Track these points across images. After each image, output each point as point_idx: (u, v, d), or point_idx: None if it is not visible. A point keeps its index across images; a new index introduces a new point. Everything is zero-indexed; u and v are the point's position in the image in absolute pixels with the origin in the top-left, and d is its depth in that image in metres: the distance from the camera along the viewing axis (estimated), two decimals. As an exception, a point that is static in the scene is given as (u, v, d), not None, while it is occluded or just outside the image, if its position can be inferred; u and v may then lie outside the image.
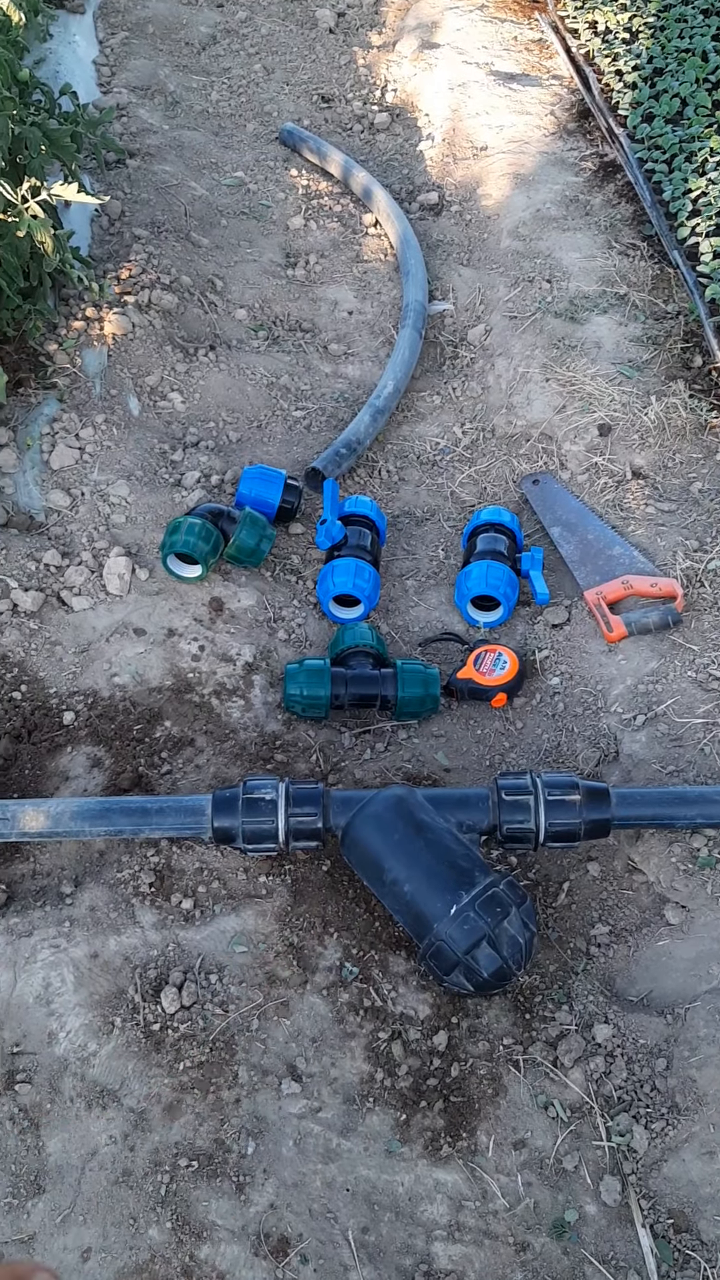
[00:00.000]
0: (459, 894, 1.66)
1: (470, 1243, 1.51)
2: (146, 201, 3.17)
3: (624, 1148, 1.59)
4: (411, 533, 2.54)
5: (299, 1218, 1.51)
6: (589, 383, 2.62)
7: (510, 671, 2.13)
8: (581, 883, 1.89)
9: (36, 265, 2.48)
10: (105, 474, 2.42)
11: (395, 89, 3.85)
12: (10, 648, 2.11)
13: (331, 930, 1.80)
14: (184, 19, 4.08)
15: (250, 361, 2.81)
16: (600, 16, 3.62)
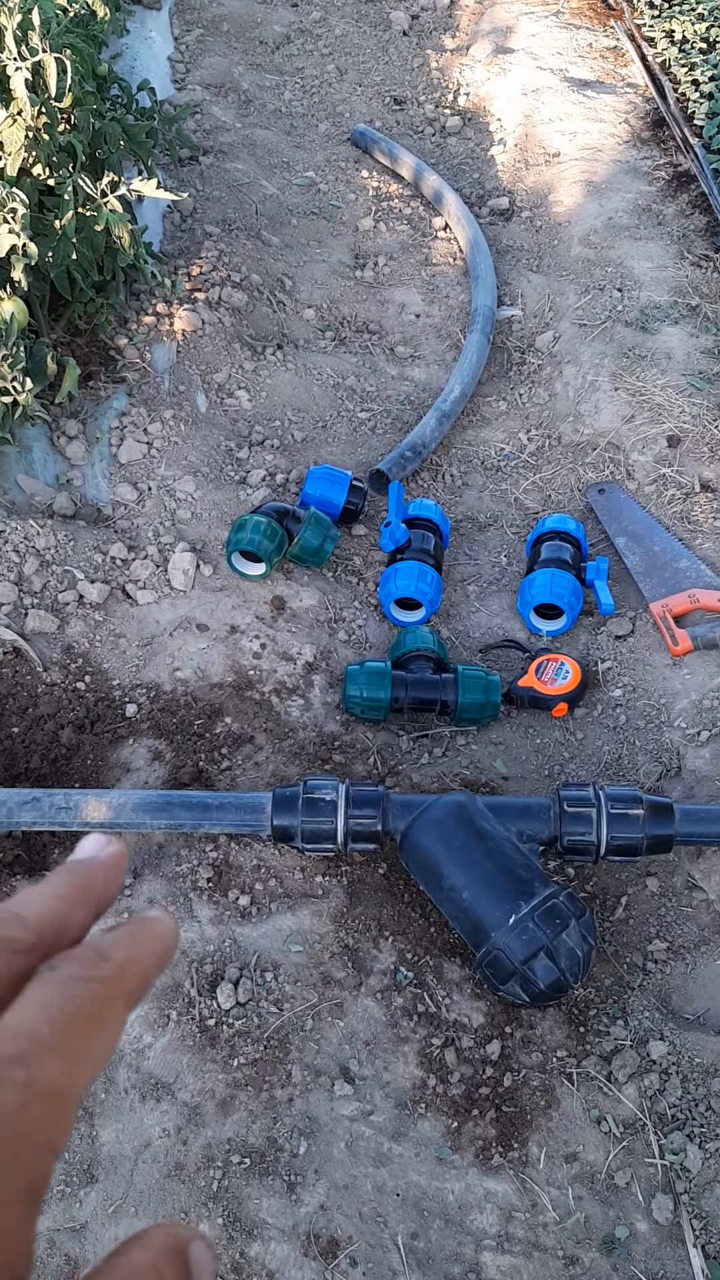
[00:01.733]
0: (518, 904, 1.66)
1: (519, 1254, 1.50)
2: (218, 199, 3.18)
3: (677, 1166, 1.58)
4: (474, 538, 2.53)
5: (349, 1220, 1.51)
6: (659, 393, 2.61)
7: (572, 681, 2.11)
8: (640, 898, 1.87)
9: (110, 260, 2.50)
10: (172, 469, 2.43)
11: (468, 93, 3.85)
12: (76, 638, 2.13)
13: (387, 934, 1.79)
14: (258, 17, 4.10)
15: (317, 362, 2.82)
16: (677, 25, 3.60)
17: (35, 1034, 0.31)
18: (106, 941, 0.36)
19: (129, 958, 0.36)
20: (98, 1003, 0.33)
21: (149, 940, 0.37)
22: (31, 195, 2.28)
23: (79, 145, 2.38)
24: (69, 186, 2.31)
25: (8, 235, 2.16)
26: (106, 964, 0.35)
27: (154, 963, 0.37)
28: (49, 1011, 0.32)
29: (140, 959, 0.36)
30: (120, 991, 0.35)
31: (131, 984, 0.35)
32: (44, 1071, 0.30)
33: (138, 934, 0.37)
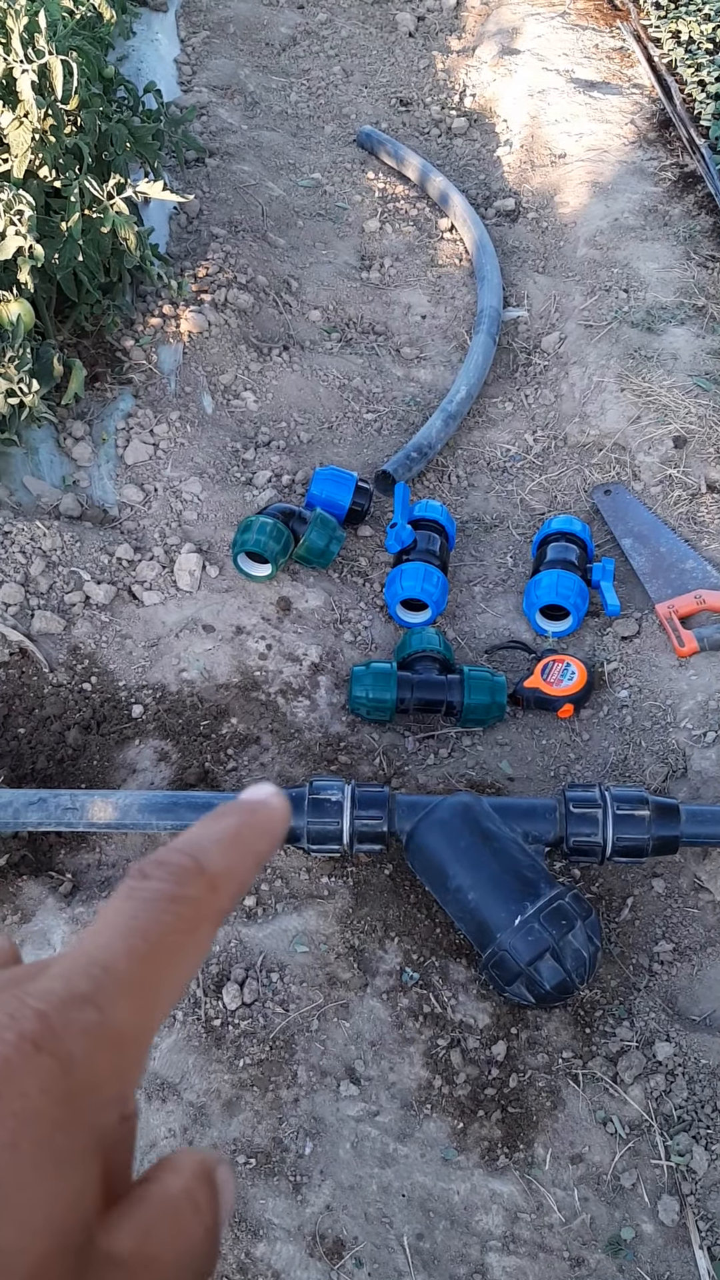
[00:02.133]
0: (524, 905, 1.66)
1: (525, 1255, 1.50)
2: (224, 200, 3.19)
3: (683, 1168, 1.57)
4: (480, 539, 2.53)
5: (355, 1221, 1.51)
6: (665, 394, 2.60)
7: (579, 682, 2.11)
8: (645, 899, 1.87)
9: (117, 261, 2.50)
10: (178, 471, 2.43)
11: (474, 94, 3.85)
12: (82, 639, 2.13)
13: (392, 934, 1.80)
14: (265, 19, 4.10)
15: (323, 363, 2.82)
16: (684, 26, 3.60)
17: (112, 966, 0.28)
18: (207, 843, 0.32)
19: (228, 868, 0.31)
20: (185, 928, 0.30)
21: (254, 839, 0.33)
22: (38, 197, 2.29)
23: (85, 147, 2.39)
24: (75, 188, 2.31)
25: (14, 237, 2.16)
26: (202, 877, 0.31)
27: (254, 867, 0.33)
28: (131, 939, 0.29)
29: (240, 869, 0.32)
30: (212, 911, 0.31)
31: (225, 900, 0.31)
32: (117, 1013, 0.28)
33: (243, 834, 0.33)
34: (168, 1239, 0.28)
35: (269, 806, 0.34)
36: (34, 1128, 0.25)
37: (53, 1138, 0.25)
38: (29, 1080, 0.26)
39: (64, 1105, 0.26)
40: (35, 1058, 0.26)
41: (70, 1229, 0.25)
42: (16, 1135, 0.25)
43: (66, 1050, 0.26)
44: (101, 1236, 0.27)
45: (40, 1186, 0.25)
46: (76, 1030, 0.27)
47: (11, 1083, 0.25)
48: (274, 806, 0.34)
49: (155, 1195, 0.29)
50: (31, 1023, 0.26)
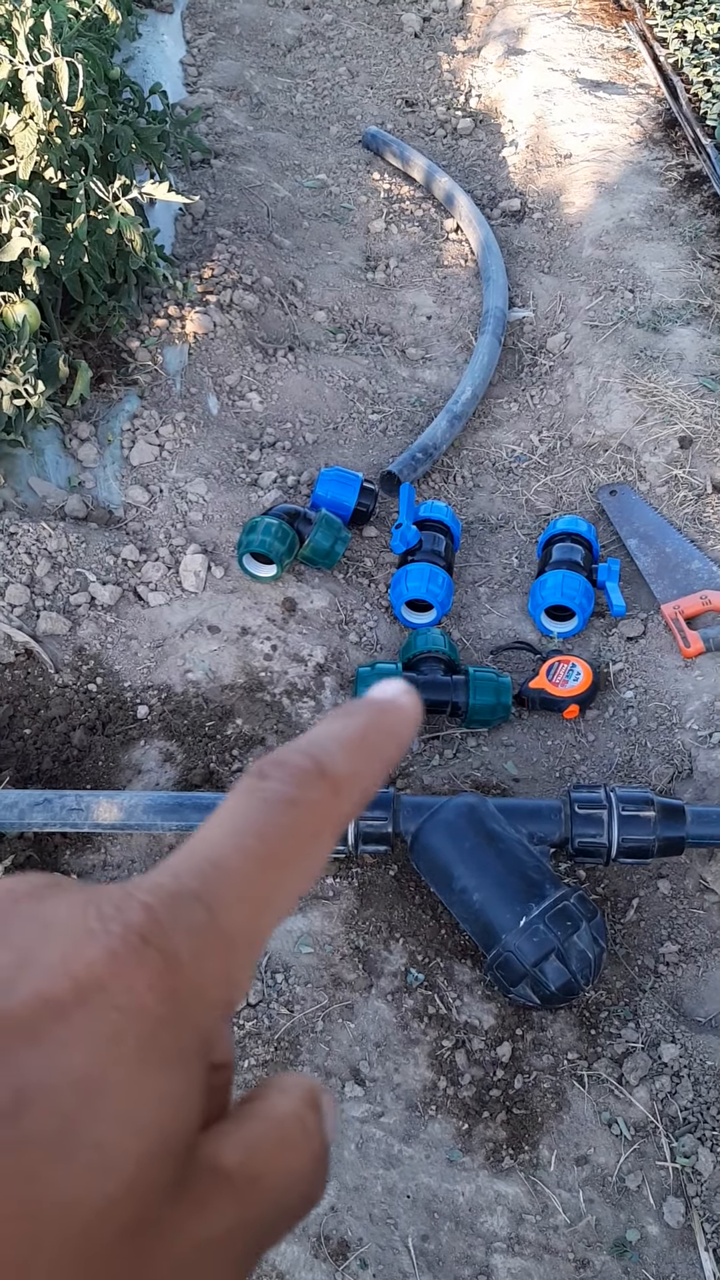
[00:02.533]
0: (529, 906, 1.65)
1: (530, 1257, 1.50)
2: (230, 201, 3.19)
3: (688, 1170, 1.57)
4: (485, 539, 2.53)
5: (359, 1222, 1.51)
6: (670, 394, 2.60)
7: (584, 683, 2.11)
8: (651, 900, 1.87)
9: (122, 263, 2.50)
10: (184, 472, 2.44)
11: (479, 95, 3.85)
12: (88, 640, 2.13)
13: (397, 935, 1.79)
14: (270, 20, 4.10)
15: (328, 364, 2.82)
16: (690, 26, 3.59)
17: (222, 864, 0.27)
18: (331, 744, 0.29)
19: (353, 772, 0.29)
20: (303, 833, 0.28)
21: (382, 742, 0.30)
22: (44, 199, 2.29)
23: (91, 149, 2.39)
24: (81, 190, 2.31)
25: (20, 239, 2.16)
26: (324, 780, 0.28)
27: (381, 773, 0.30)
28: (244, 839, 0.27)
29: (365, 774, 0.29)
30: (333, 818, 0.29)
31: (348, 807, 0.29)
32: (228, 915, 0.26)
33: (370, 736, 0.30)
34: (275, 1159, 0.26)
35: (399, 706, 0.31)
36: (139, 1024, 0.24)
37: (158, 1035, 0.24)
38: (135, 974, 0.24)
39: (170, 1003, 0.25)
40: (142, 951, 0.25)
41: (174, 1131, 0.24)
42: (121, 1030, 0.24)
43: (173, 947, 0.25)
44: (205, 1147, 0.25)
45: (145, 1084, 0.24)
46: (184, 928, 0.25)
47: (118, 976, 0.24)
48: (405, 706, 0.31)
49: (262, 1113, 0.27)
50: (138, 915, 0.25)
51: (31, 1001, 0.23)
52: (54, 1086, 0.23)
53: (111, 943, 0.25)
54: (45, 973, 0.24)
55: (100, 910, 0.25)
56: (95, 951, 0.24)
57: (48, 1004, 0.23)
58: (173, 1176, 0.24)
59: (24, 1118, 0.22)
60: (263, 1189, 0.26)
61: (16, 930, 0.25)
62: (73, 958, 0.24)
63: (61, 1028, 0.23)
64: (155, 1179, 0.23)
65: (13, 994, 0.24)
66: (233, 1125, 0.26)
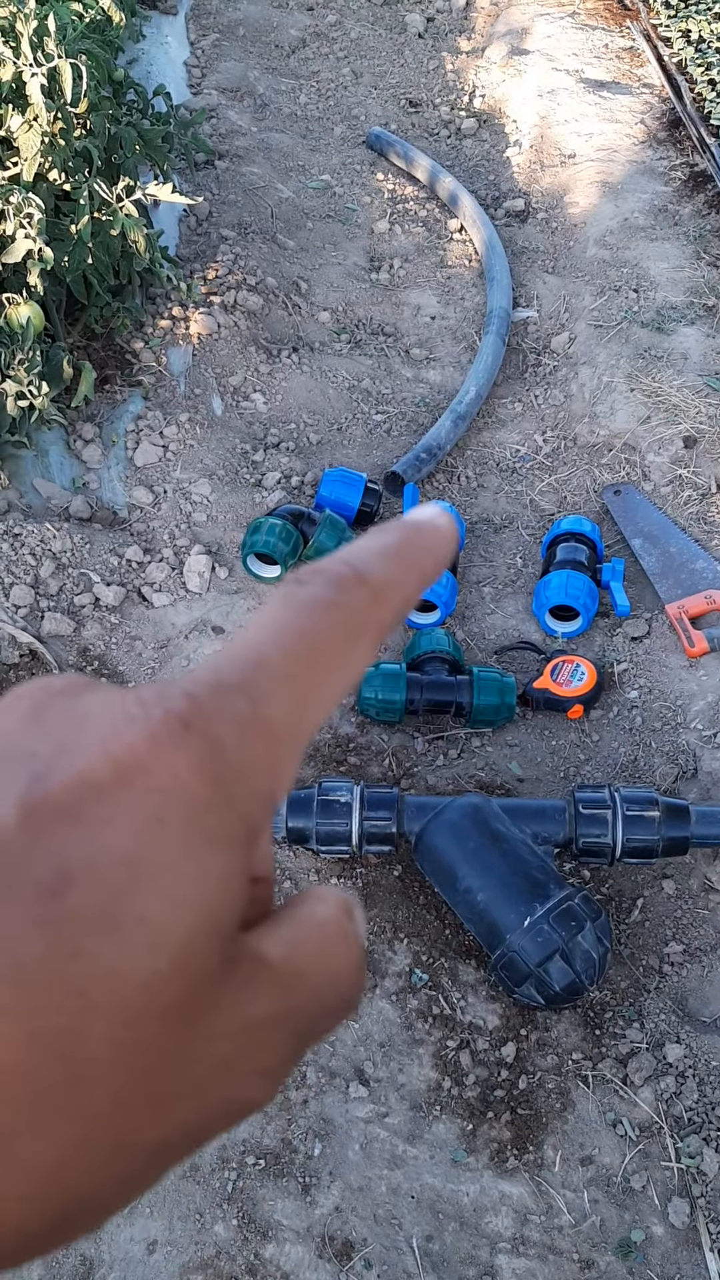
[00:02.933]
0: (533, 906, 1.65)
1: (535, 1257, 1.50)
2: (234, 202, 3.19)
3: (693, 1170, 1.57)
4: (490, 540, 2.53)
5: (364, 1222, 1.51)
6: (675, 394, 2.60)
7: (588, 683, 2.11)
8: (656, 900, 1.87)
9: (127, 264, 2.51)
10: (188, 472, 2.44)
11: (483, 95, 3.85)
12: (92, 641, 2.14)
13: (402, 936, 1.79)
14: (274, 22, 4.11)
15: (332, 364, 2.82)
16: (694, 25, 3.59)
17: (264, 660, 0.26)
18: (368, 554, 0.29)
19: (391, 580, 0.29)
20: (343, 634, 0.28)
21: (419, 556, 0.30)
22: (48, 200, 2.29)
23: (95, 150, 2.39)
24: (85, 191, 2.32)
25: (24, 240, 2.17)
26: (363, 587, 0.28)
27: (419, 585, 0.30)
28: (284, 638, 0.27)
29: (403, 583, 0.29)
30: (373, 622, 0.28)
31: (388, 614, 0.29)
32: (270, 706, 0.26)
33: (407, 548, 0.30)
34: (317, 957, 0.26)
35: (436, 525, 0.31)
36: (183, 804, 0.24)
37: (203, 816, 0.24)
38: (178, 756, 0.24)
39: (214, 786, 0.24)
40: (184, 735, 0.24)
41: (221, 911, 0.24)
42: (164, 810, 0.23)
43: (217, 733, 0.25)
44: (250, 940, 0.25)
45: (189, 862, 0.23)
46: (228, 716, 0.25)
47: (160, 758, 0.24)
48: (441, 525, 0.31)
49: (304, 916, 0.27)
50: (180, 701, 0.25)
51: (72, 783, 0.23)
52: (98, 863, 0.22)
53: (153, 726, 0.24)
54: (84, 756, 0.24)
55: (141, 697, 0.25)
56: (136, 734, 0.24)
57: (88, 785, 0.23)
58: (219, 957, 0.24)
59: (68, 894, 0.22)
60: (306, 982, 0.26)
61: (54, 719, 0.25)
62: (112, 741, 0.24)
63: (103, 807, 0.23)
64: (202, 957, 0.23)
65: (52, 777, 0.23)
66: (275, 926, 0.26)
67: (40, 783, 0.23)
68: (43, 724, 0.25)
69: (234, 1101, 0.25)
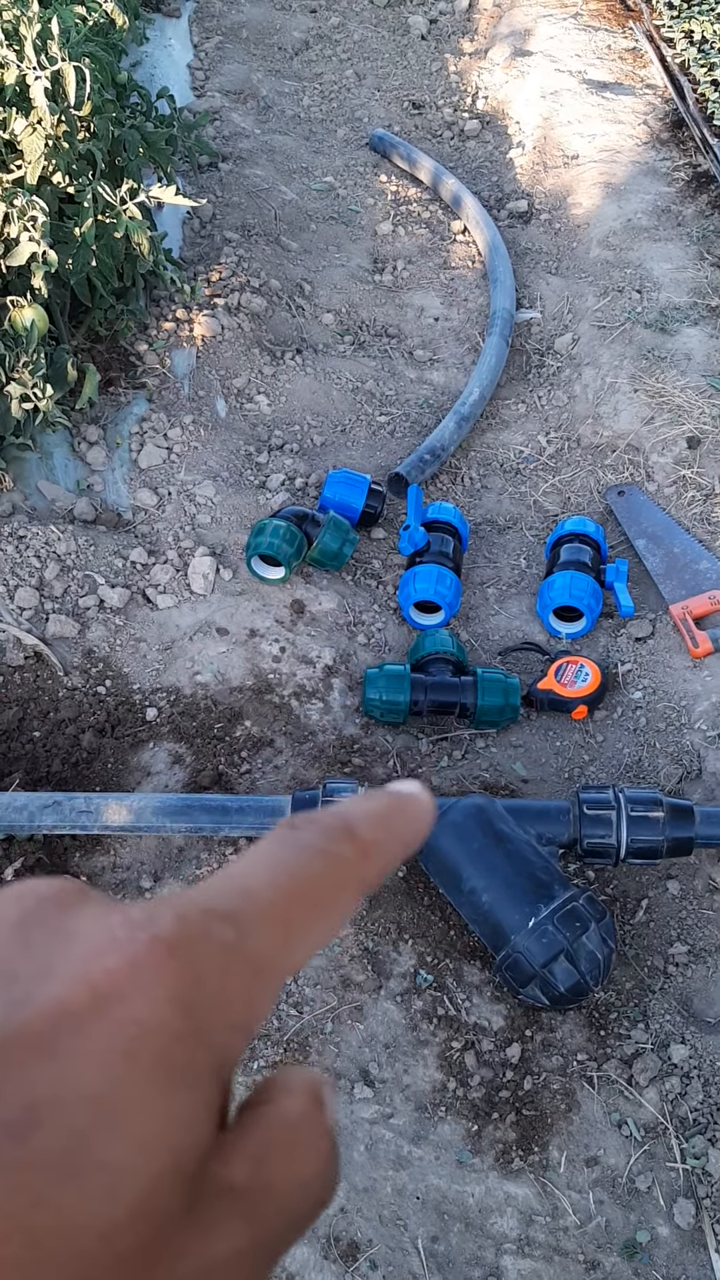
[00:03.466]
0: (538, 907, 1.65)
1: (540, 1258, 1.50)
2: (237, 205, 3.20)
3: (699, 1171, 1.57)
4: (493, 541, 2.53)
5: (369, 1223, 1.51)
6: (678, 395, 2.60)
7: (592, 684, 2.11)
8: (660, 900, 1.87)
9: (130, 266, 2.51)
10: (192, 474, 2.44)
11: (486, 96, 3.85)
12: (97, 643, 2.14)
13: (406, 937, 1.80)
14: (277, 24, 4.11)
15: (336, 366, 2.83)
16: (696, 26, 3.59)
17: (254, 893, 0.27)
18: (354, 815, 0.31)
19: (375, 841, 0.30)
20: (331, 881, 0.29)
21: (402, 824, 0.32)
22: (51, 203, 2.30)
23: (98, 153, 2.40)
24: (88, 194, 2.32)
25: (28, 243, 2.17)
26: (352, 842, 0.29)
27: (401, 851, 0.31)
28: (275, 874, 0.28)
29: (387, 845, 0.31)
30: (359, 876, 0.29)
31: (372, 871, 0.30)
32: (256, 939, 0.26)
33: (391, 815, 0.31)
34: (287, 1165, 0.26)
35: (418, 798, 0.33)
36: (156, 1039, 0.23)
37: (174, 1052, 0.24)
38: (156, 987, 0.24)
39: (190, 1019, 0.24)
40: (166, 962, 0.24)
41: (185, 1151, 0.24)
42: (136, 1045, 0.23)
43: (200, 962, 0.25)
44: (214, 1164, 0.25)
45: (157, 1102, 0.23)
46: (213, 945, 0.25)
47: (138, 986, 0.24)
48: (423, 800, 0.33)
49: (269, 1119, 0.26)
50: (168, 925, 0.25)
51: (48, 1012, 0.23)
52: (65, 1103, 0.22)
53: (136, 950, 0.24)
54: (64, 981, 0.24)
55: (128, 918, 0.25)
56: (117, 960, 0.24)
57: (64, 1015, 0.23)
58: (181, 1200, 0.23)
59: (33, 1136, 0.22)
60: (274, 1201, 0.25)
61: (38, 935, 0.25)
62: (94, 965, 0.24)
63: (77, 1040, 0.23)
64: (163, 1202, 0.23)
65: (29, 1004, 0.23)
66: (239, 1135, 0.26)
67: (18, 1010, 0.23)
68: (27, 941, 0.25)
69: None
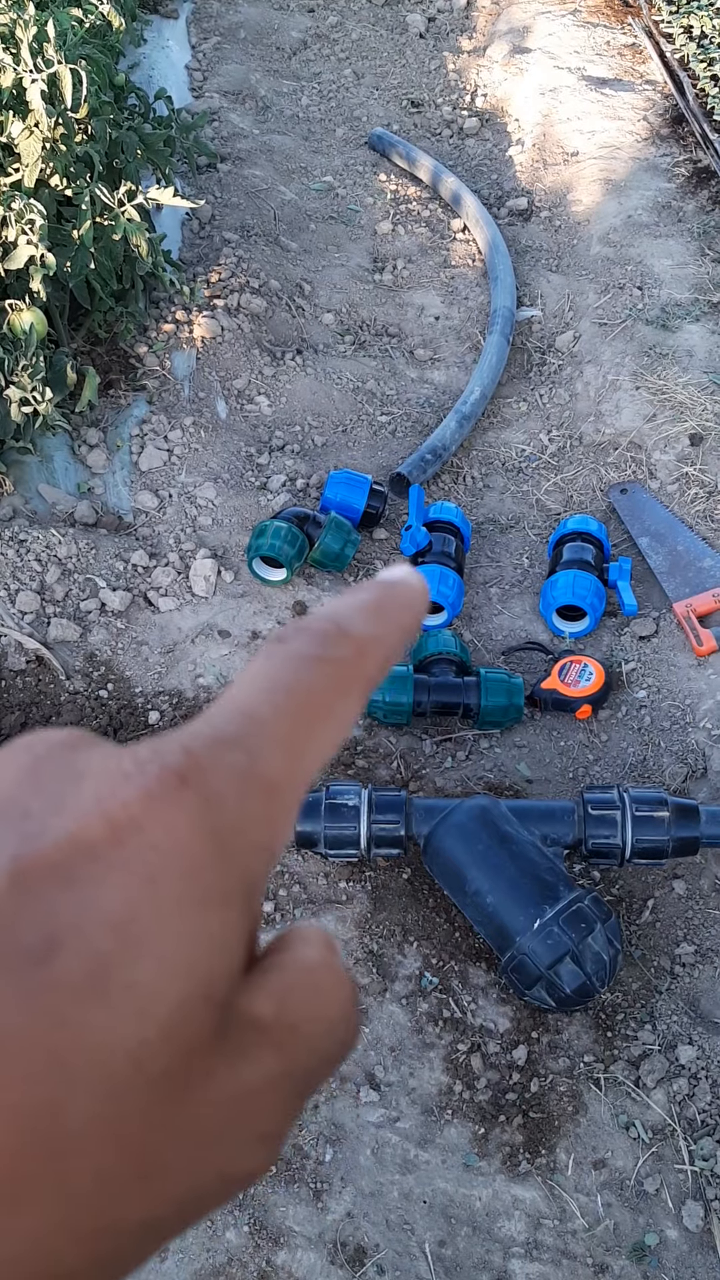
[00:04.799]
0: (543, 908, 1.65)
1: (548, 1261, 1.49)
2: (236, 205, 3.19)
3: (707, 1173, 1.56)
4: (496, 540, 2.52)
5: (376, 1228, 1.50)
6: (680, 391, 2.59)
7: (596, 683, 2.10)
8: (666, 900, 1.86)
9: (129, 268, 2.50)
10: (193, 476, 2.44)
11: (485, 94, 3.84)
12: (98, 646, 2.13)
13: (411, 939, 1.79)
14: (275, 24, 4.10)
15: (336, 366, 2.82)
16: (696, 21, 3.57)
17: (256, 715, 0.26)
18: (347, 611, 0.30)
19: (373, 635, 0.29)
20: (332, 688, 0.28)
21: (397, 611, 0.31)
22: (49, 206, 2.29)
23: (96, 155, 2.39)
24: (87, 196, 2.32)
25: (26, 246, 2.17)
26: (346, 642, 0.29)
27: (400, 639, 0.30)
28: (275, 694, 0.27)
29: (385, 636, 0.30)
30: (359, 675, 0.29)
31: (373, 667, 0.29)
32: (267, 760, 0.26)
33: (384, 603, 0.30)
34: (310, 1006, 0.26)
35: (410, 583, 0.32)
36: (178, 862, 0.23)
37: (198, 874, 0.23)
38: (173, 813, 0.23)
39: (212, 843, 0.24)
40: (180, 791, 0.24)
41: (215, 975, 0.23)
42: (158, 870, 0.23)
43: (214, 787, 0.24)
44: (242, 998, 0.24)
45: (183, 924, 0.23)
46: (225, 770, 0.25)
47: (155, 815, 0.23)
48: (414, 583, 0.32)
49: (291, 962, 0.26)
50: (177, 757, 0.24)
51: (64, 843, 0.23)
52: (87, 927, 0.22)
53: (148, 783, 0.24)
54: (78, 815, 0.23)
55: (136, 755, 0.25)
56: (131, 792, 0.24)
57: (81, 845, 0.23)
58: (212, 1024, 0.23)
59: (55, 960, 0.21)
60: (301, 1036, 0.25)
61: (49, 776, 0.25)
62: (107, 799, 0.24)
63: (95, 867, 0.23)
64: (193, 1025, 0.23)
65: (44, 836, 0.23)
66: (262, 976, 0.25)
67: (32, 843, 0.23)
68: (39, 781, 0.25)
69: (231, 1172, 0.24)
